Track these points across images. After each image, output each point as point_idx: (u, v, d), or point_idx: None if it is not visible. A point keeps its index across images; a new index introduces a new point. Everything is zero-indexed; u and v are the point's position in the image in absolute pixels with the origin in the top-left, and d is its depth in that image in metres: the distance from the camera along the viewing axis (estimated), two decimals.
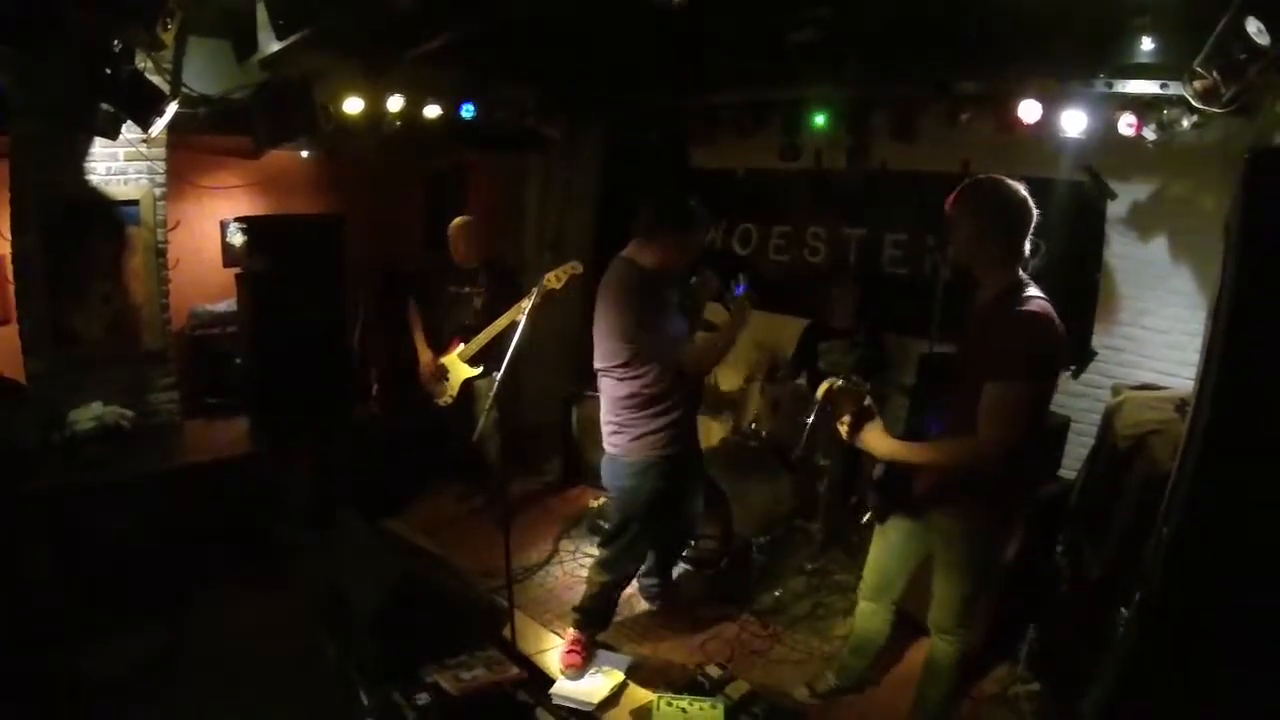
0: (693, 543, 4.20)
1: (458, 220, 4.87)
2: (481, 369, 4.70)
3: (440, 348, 4.83)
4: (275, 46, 3.28)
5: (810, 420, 4.13)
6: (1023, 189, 2.55)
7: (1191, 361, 3.76)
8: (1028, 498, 3.44)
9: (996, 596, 3.48)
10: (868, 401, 2.72)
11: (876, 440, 2.69)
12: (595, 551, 3.79)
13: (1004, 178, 2.60)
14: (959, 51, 3.86)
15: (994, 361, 2.45)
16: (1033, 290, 2.52)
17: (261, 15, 3.19)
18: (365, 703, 2.96)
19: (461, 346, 4.74)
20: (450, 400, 4.79)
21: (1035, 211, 2.54)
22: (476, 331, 4.66)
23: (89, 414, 4.04)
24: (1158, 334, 4.01)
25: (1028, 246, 2.57)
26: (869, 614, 3.24)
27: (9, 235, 4.03)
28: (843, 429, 2.75)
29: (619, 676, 3.47)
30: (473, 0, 3.41)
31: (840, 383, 2.74)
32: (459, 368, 4.75)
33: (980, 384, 2.46)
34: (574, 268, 4.12)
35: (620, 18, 4.24)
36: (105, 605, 3.50)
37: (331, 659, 3.27)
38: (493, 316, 4.56)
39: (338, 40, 3.89)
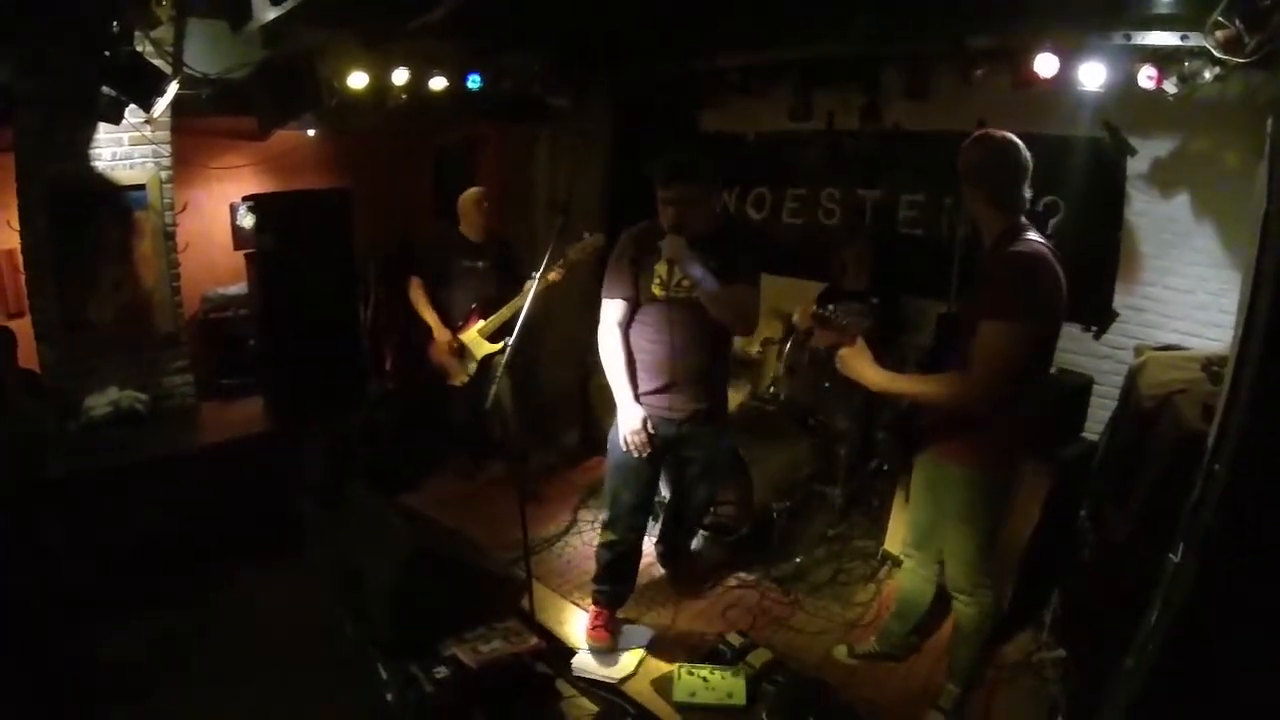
0: (712, 510, 4.19)
1: (470, 192, 4.76)
2: (502, 344, 4.44)
3: (455, 324, 4.73)
4: (271, 14, 3.23)
5: (787, 346, 4.17)
6: (1014, 140, 2.59)
7: (1216, 322, 3.70)
8: (1048, 456, 3.42)
9: (1019, 561, 3.47)
10: (851, 328, 2.75)
11: (863, 366, 2.73)
12: None
13: (995, 131, 2.65)
14: (972, 4, 3.76)
15: (987, 302, 2.49)
16: (1030, 234, 2.56)
17: None
18: (384, 677, 2.97)
19: (481, 323, 4.66)
20: (468, 379, 4.72)
21: (1027, 162, 2.58)
22: (495, 306, 4.59)
23: (104, 399, 4.06)
24: (1181, 294, 3.92)
25: (1026, 194, 2.60)
26: (909, 571, 3.27)
27: (18, 227, 4.02)
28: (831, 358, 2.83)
29: (641, 652, 3.47)
30: None
31: (814, 308, 2.77)
32: (480, 345, 4.66)
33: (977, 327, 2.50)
34: (597, 240, 4.09)
35: None
36: (125, 587, 3.53)
37: (349, 634, 3.29)
38: (506, 291, 4.52)
39: (337, 9, 3.84)
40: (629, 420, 3.22)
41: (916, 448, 2.92)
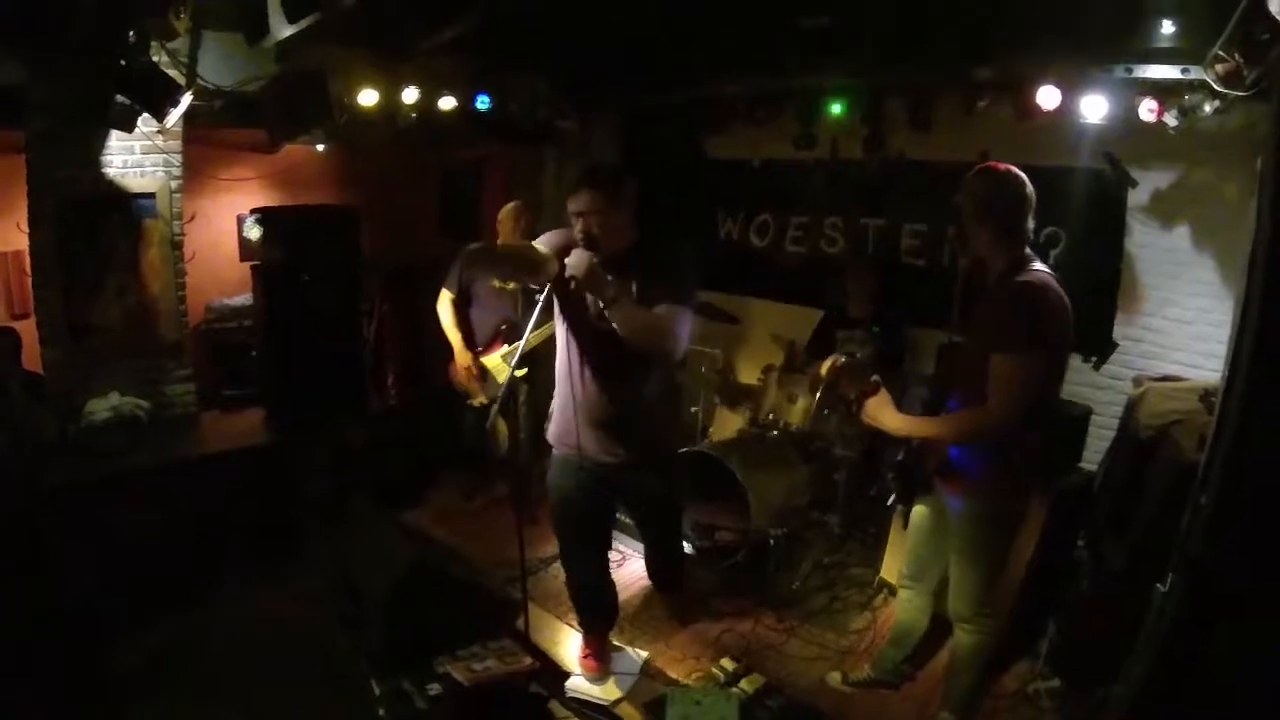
0: (713, 535, 4.17)
1: (509, 206, 4.63)
2: (526, 370, 4.38)
3: (479, 346, 4.64)
4: (287, 31, 3.28)
5: (816, 398, 4.14)
6: (1018, 174, 2.60)
7: (1216, 353, 3.70)
8: (1046, 486, 3.40)
9: (1016, 591, 3.45)
10: (874, 377, 2.76)
11: (885, 415, 2.72)
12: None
13: (999, 164, 2.66)
14: (976, 37, 3.81)
15: (996, 334, 2.50)
16: (1036, 265, 2.57)
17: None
18: (376, 692, 2.96)
19: (505, 347, 4.55)
20: (486, 402, 4.59)
21: (1031, 195, 2.59)
22: (521, 328, 4.51)
23: (106, 405, 4.07)
24: (1181, 325, 3.93)
25: (1030, 226, 2.61)
26: (906, 601, 3.25)
27: (26, 229, 4.06)
28: (852, 406, 2.78)
29: (634, 676, 3.45)
30: None
31: (843, 360, 2.75)
32: (502, 370, 4.52)
33: (986, 360, 2.50)
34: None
35: (633, 7, 4.23)
36: (123, 595, 3.52)
37: (344, 649, 3.28)
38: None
39: (349, 28, 3.89)
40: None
41: (924, 485, 2.90)
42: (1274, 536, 1.56)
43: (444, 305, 4.62)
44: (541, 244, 2.97)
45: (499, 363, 4.56)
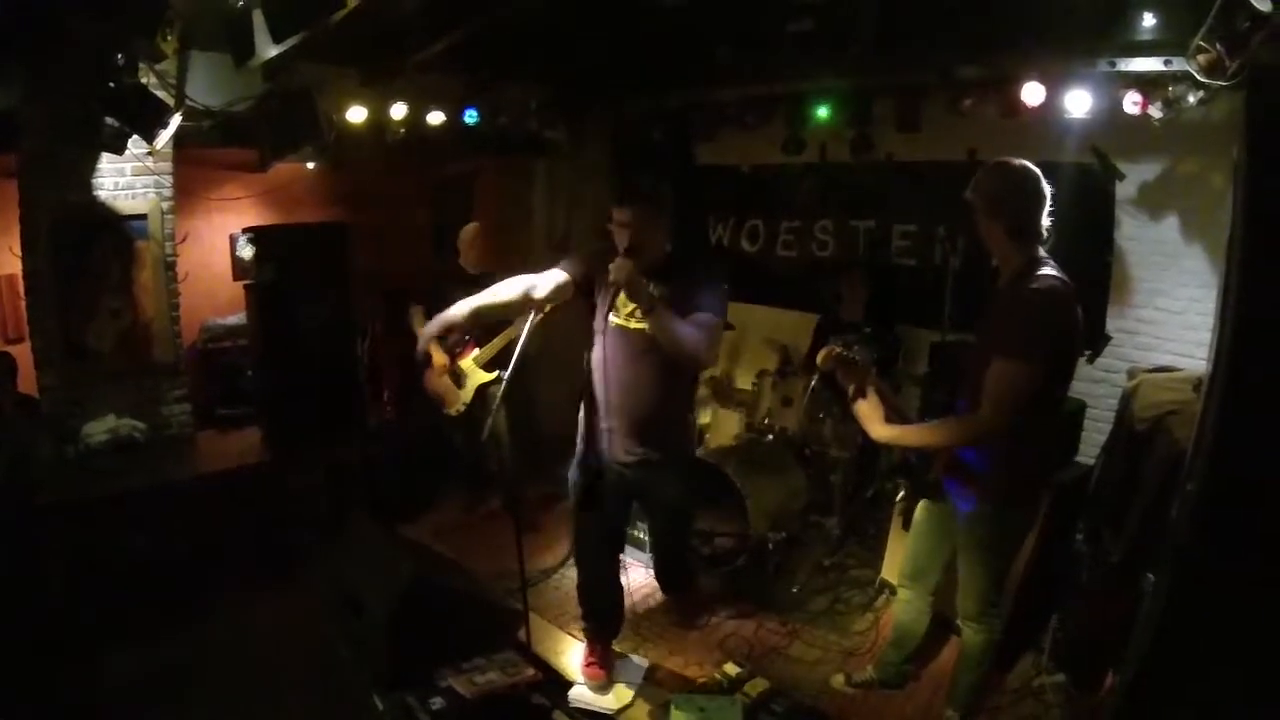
0: (711, 541, 4.16)
1: (468, 227, 4.85)
2: (496, 374, 4.64)
3: (453, 353, 4.77)
4: (273, 51, 3.29)
5: (810, 386, 4.13)
6: (1032, 168, 2.56)
7: (1208, 342, 3.71)
8: (1047, 484, 3.41)
9: (1018, 587, 3.45)
10: (872, 372, 2.74)
11: (873, 422, 2.70)
12: None
13: (1011, 159, 2.61)
14: (960, 36, 3.84)
15: (1001, 340, 2.46)
16: (1048, 270, 2.51)
17: (259, 19, 3.19)
18: (379, 707, 2.94)
19: (476, 351, 4.71)
20: (463, 408, 4.74)
21: (1047, 191, 2.56)
22: (489, 336, 4.63)
23: (102, 427, 4.07)
24: (1173, 315, 3.94)
25: (1045, 224, 2.57)
26: (905, 602, 3.23)
27: (19, 253, 4.06)
28: (846, 397, 2.78)
29: (637, 684, 3.44)
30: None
31: (839, 349, 2.72)
32: (475, 373, 4.71)
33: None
34: None
35: (619, 16, 4.25)
36: (122, 614, 3.51)
37: (346, 664, 3.26)
38: (500, 323, 4.55)
39: (336, 46, 3.91)
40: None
41: (933, 486, 2.88)
42: (1258, 522, 1.57)
43: (417, 317, 4.72)
44: (578, 264, 3.11)
45: (471, 366, 4.71)
